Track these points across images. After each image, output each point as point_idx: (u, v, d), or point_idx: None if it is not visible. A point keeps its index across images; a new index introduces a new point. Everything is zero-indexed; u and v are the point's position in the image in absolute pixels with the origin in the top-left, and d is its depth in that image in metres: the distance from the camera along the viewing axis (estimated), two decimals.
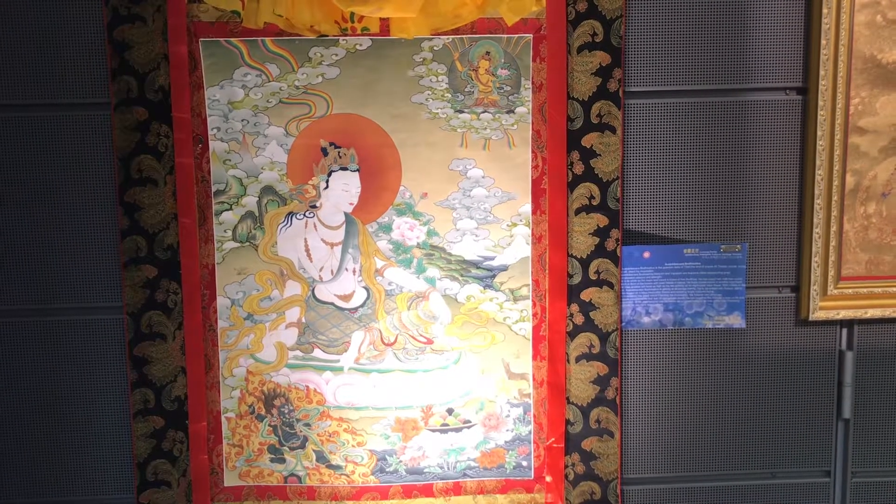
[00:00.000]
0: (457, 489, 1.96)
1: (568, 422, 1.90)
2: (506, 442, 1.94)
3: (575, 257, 1.86)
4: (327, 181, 1.83)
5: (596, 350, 1.88)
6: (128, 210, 1.81)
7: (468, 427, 1.93)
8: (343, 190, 1.83)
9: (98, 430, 1.93)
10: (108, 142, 1.82)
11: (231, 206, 1.84)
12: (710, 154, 1.89)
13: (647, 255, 1.86)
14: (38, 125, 1.83)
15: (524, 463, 1.95)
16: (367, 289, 1.87)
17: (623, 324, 1.89)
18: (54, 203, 1.85)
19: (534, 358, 1.90)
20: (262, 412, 1.92)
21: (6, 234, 1.86)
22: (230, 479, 1.95)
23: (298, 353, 1.89)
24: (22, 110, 1.82)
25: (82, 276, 1.87)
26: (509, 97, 1.83)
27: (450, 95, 1.81)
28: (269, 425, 1.92)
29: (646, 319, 1.89)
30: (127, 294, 1.83)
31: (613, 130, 1.82)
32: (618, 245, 1.85)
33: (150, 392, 1.88)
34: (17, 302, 1.88)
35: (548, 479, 1.94)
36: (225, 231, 1.85)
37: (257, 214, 1.84)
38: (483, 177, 1.84)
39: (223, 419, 1.92)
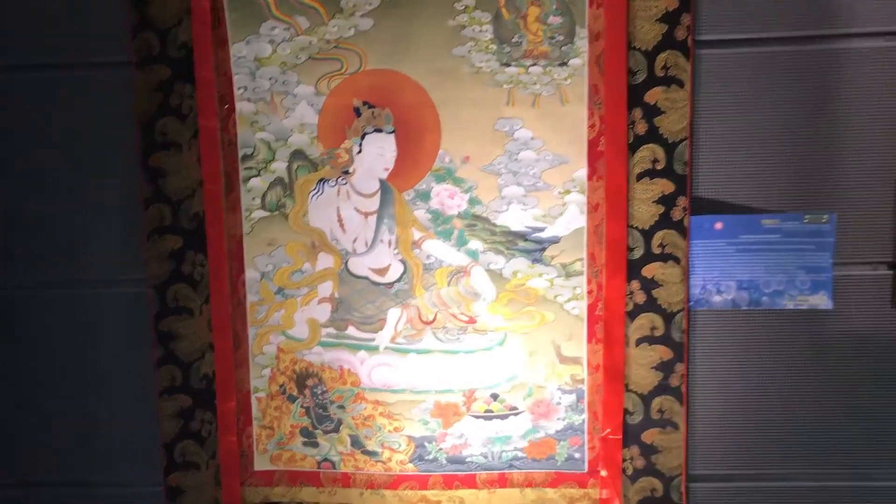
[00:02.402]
0: (502, 481, 1.83)
1: (626, 411, 1.76)
2: (556, 431, 1.80)
3: (636, 228, 1.70)
4: (360, 144, 1.71)
5: (659, 332, 1.73)
6: (151, 176, 1.73)
7: (515, 414, 1.79)
8: (377, 154, 1.70)
9: (123, 409, 1.87)
10: (130, 103, 1.73)
11: (259, 171, 1.73)
12: (794, 111, 1.68)
13: (718, 226, 1.69)
14: (55, 86, 1.75)
15: (577, 455, 1.81)
16: (403, 262, 1.75)
17: (690, 303, 1.73)
18: (73, 169, 1.78)
19: (588, 340, 1.75)
20: (294, 392, 1.82)
21: (22, 202, 1.80)
22: (261, 463, 1.87)
23: (332, 330, 1.78)
24: (38, 71, 1.75)
25: (103, 246, 1.80)
26: (562, 48, 1.66)
27: (495, 47, 1.66)
28: (302, 406, 1.83)
29: (717, 298, 1.73)
30: (151, 266, 1.76)
31: (681, 84, 1.64)
32: (685, 214, 1.68)
33: (177, 369, 1.81)
34: (35, 275, 1.82)
35: (603, 473, 1.79)
36: (253, 199, 1.75)
37: (287, 181, 1.73)
38: (532, 138, 1.69)
39: (253, 399, 1.83)
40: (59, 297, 1.83)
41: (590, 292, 1.75)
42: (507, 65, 1.67)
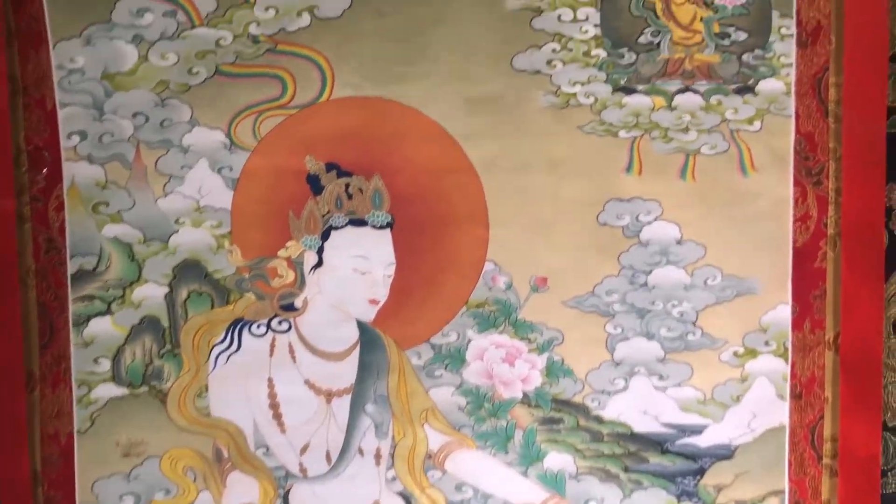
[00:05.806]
0: None
1: None
2: None
3: (892, 430, 1.18)
4: (320, 250, 1.14)
5: None
6: None
7: None
8: (355, 269, 1.14)
9: None
10: None
11: (109, 305, 1.17)
12: None
13: None
14: None
15: None
16: (406, 498, 1.18)
17: None
18: None
19: None
20: None
21: None
22: None
23: None
24: None
25: None
26: (742, 59, 1.15)
27: (603, 54, 1.16)
28: None
29: None
30: None
31: None
32: None
33: None
34: None
35: None
36: (96, 361, 1.17)
37: (167, 325, 1.17)
38: (679, 241, 1.13)
39: None
40: None
41: None
42: (630, 90, 1.15)
